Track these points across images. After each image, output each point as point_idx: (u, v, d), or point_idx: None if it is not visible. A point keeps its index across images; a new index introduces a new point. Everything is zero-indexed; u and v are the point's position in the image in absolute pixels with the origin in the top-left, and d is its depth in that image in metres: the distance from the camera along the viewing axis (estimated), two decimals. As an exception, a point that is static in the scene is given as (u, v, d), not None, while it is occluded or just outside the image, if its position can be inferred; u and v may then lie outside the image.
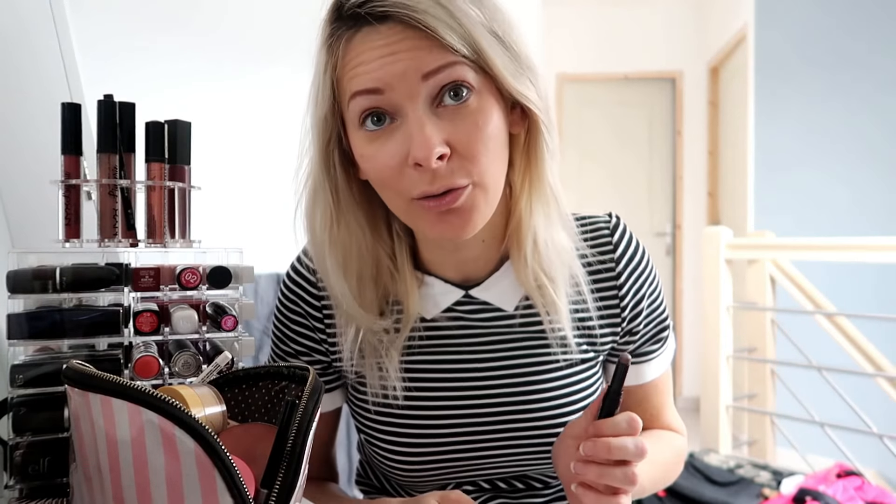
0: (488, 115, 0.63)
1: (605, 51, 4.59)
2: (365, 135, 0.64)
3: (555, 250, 0.72)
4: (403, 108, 0.61)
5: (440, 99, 0.61)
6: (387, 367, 0.73)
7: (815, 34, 3.35)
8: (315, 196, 0.70)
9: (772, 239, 2.62)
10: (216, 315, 0.65)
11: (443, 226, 0.64)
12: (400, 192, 0.64)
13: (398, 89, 0.60)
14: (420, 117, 0.60)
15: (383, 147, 0.63)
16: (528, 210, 0.70)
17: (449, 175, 0.61)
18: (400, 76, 0.60)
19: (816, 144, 3.34)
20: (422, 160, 0.59)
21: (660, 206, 4.65)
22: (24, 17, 1.05)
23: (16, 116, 1.01)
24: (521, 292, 0.75)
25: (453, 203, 0.62)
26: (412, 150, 0.60)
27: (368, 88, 0.61)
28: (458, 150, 0.61)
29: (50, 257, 0.63)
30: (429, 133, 0.60)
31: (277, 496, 0.45)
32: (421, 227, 0.66)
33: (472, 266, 0.75)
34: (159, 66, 2.19)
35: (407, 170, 0.62)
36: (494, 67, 0.62)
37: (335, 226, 0.70)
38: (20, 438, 0.57)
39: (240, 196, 2.38)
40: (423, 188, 0.62)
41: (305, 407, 0.48)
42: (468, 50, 0.61)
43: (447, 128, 0.61)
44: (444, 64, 0.60)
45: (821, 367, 2.24)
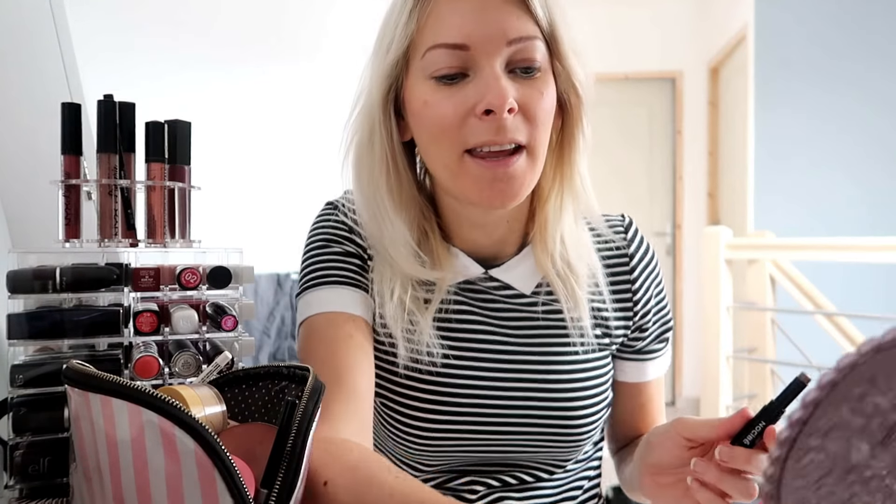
0: (549, 90, 0.67)
1: (606, 51, 4.58)
2: (434, 85, 0.66)
3: (580, 245, 0.74)
4: (480, 63, 0.64)
5: (512, 68, 0.65)
6: (422, 329, 0.73)
7: (814, 34, 3.35)
8: (371, 143, 0.71)
9: (772, 239, 2.62)
10: (216, 315, 0.65)
11: (491, 191, 0.66)
12: (455, 142, 0.65)
13: (481, 48, 0.63)
14: (497, 72, 0.64)
15: (451, 96, 0.65)
16: (558, 207, 0.73)
17: (513, 129, 0.64)
18: (487, 37, 0.63)
19: (816, 144, 3.34)
20: (496, 107, 0.62)
21: (660, 206, 4.66)
22: (24, 17, 1.05)
23: (16, 116, 1.01)
24: (539, 277, 0.76)
25: (507, 168, 0.65)
26: (487, 96, 0.63)
27: (455, 43, 0.64)
28: (524, 110, 0.65)
29: (50, 257, 0.63)
30: (505, 84, 0.63)
31: (277, 496, 0.45)
32: (465, 186, 0.67)
33: (492, 248, 0.76)
34: (159, 66, 2.19)
35: (471, 119, 0.64)
36: (562, 46, 0.67)
37: (390, 173, 0.71)
38: (20, 438, 0.57)
39: (240, 196, 2.38)
40: (487, 137, 0.64)
41: (305, 407, 0.48)
42: (547, 25, 0.66)
43: (516, 88, 0.65)
44: (528, 36, 0.65)
45: (821, 367, 2.24)
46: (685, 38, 4.56)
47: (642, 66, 4.61)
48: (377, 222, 0.73)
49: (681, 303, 4.58)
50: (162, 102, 1.54)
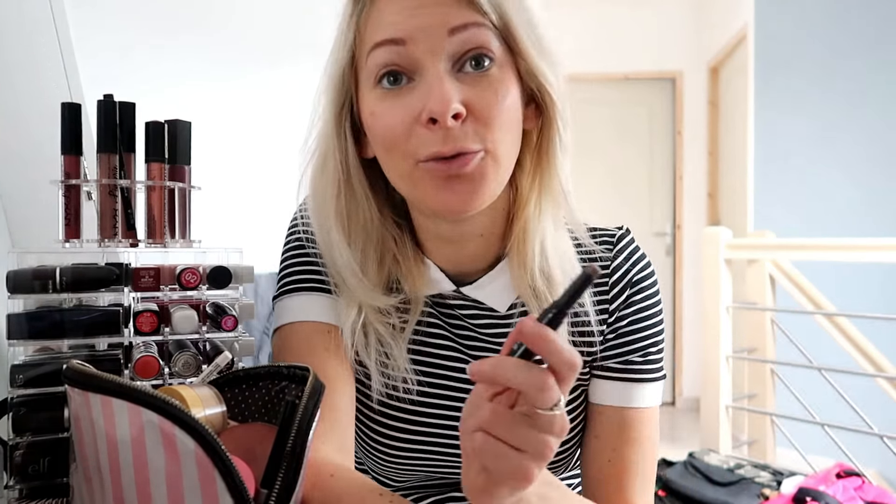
0: (507, 87, 0.61)
1: (605, 51, 4.58)
2: (380, 93, 0.62)
3: (559, 256, 0.69)
4: (423, 63, 0.59)
5: (461, 64, 0.60)
6: (395, 358, 0.70)
7: (814, 34, 3.35)
8: (324, 163, 0.68)
9: (772, 239, 2.62)
10: (216, 315, 0.65)
11: (447, 193, 0.61)
12: (407, 153, 0.61)
13: (421, 43, 0.59)
14: (440, 73, 0.59)
15: (396, 104, 0.61)
16: (537, 214, 0.68)
17: (462, 137, 0.59)
18: (425, 29, 0.59)
19: (816, 144, 3.34)
20: (438, 114, 0.57)
21: (660, 206, 4.65)
22: (25, 18, 1.05)
23: (16, 116, 1.01)
24: (515, 294, 0.71)
25: (463, 167, 0.60)
26: (429, 103, 0.58)
27: (391, 38, 0.60)
28: (475, 113, 0.60)
29: (50, 257, 0.63)
30: (447, 88, 0.58)
31: (277, 496, 0.45)
32: (424, 194, 0.63)
33: (466, 262, 0.72)
34: (159, 66, 2.19)
35: (418, 128, 0.60)
36: (520, 41, 0.61)
37: (342, 196, 0.67)
38: (20, 438, 0.57)
39: (240, 196, 2.38)
40: (433, 148, 0.59)
41: (305, 407, 0.48)
42: (496, 16, 0.60)
43: (465, 90, 0.59)
44: (472, 22, 0.59)
45: (821, 367, 2.24)
46: (685, 38, 4.56)
47: (642, 66, 4.61)
48: (328, 249, 0.70)
49: (681, 303, 4.58)
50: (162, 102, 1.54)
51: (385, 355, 0.70)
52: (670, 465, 2.22)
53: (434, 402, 0.72)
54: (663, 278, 4.63)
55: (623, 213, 4.62)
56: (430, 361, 0.73)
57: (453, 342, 0.73)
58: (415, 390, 0.71)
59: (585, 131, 4.59)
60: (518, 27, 0.61)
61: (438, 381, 0.72)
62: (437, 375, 0.73)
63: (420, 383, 0.72)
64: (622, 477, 0.71)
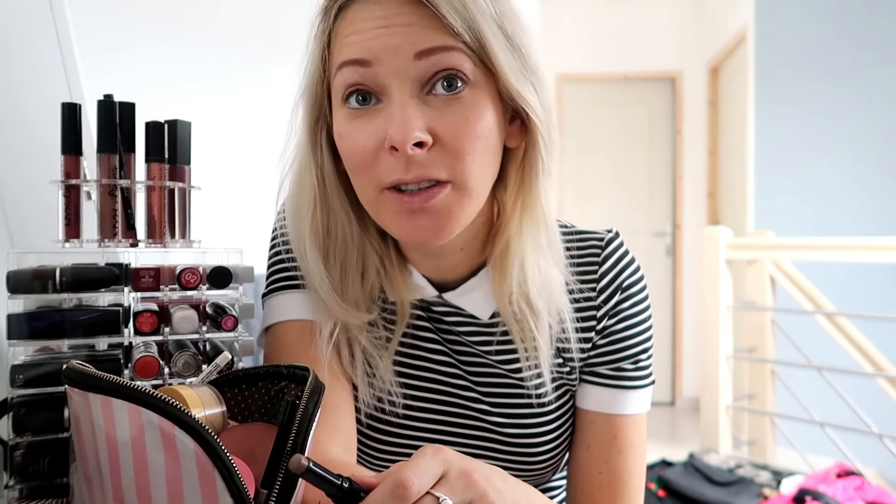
0: (481, 112, 0.58)
1: (605, 51, 4.59)
2: (347, 112, 0.60)
3: (541, 280, 0.67)
4: (389, 87, 0.57)
5: (431, 86, 0.57)
6: (381, 373, 0.68)
7: (815, 34, 3.35)
8: (301, 178, 0.66)
9: (772, 239, 2.62)
10: (216, 315, 0.65)
11: (410, 227, 0.59)
12: (371, 178, 0.59)
13: (387, 64, 0.56)
14: (404, 99, 0.57)
15: (362, 127, 0.59)
16: (519, 234, 0.66)
17: (427, 164, 0.57)
18: (391, 50, 0.56)
19: (816, 143, 3.34)
20: (398, 143, 0.55)
21: (660, 206, 4.65)
22: (24, 17, 1.05)
23: (16, 116, 1.01)
24: (495, 303, 0.70)
25: (425, 202, 0.58)
26: (390, 130, 0.56)
27: (356, 59, 0.57)
28: (442, 141, 0.57)
29: (50, 257, 0.63)
30: (410, 114, 0.56)
31: (277, 496, 0.44)
32: (388, 223, 0.61)
33: (448, 272, 0.71)
34: (159, 66, 2.19)
35: (383, 154, 0.58)
36: (496, 61, 0.58)
37: (318, 211, 0.66)
38: (20, 438, 0.57)
39: (240, 196, 2.38)
40: (395, 176, 0.57)
41: (305, 407, 0.48)
42: (470, 37, 0.57)
43: (433, 116, 0.57)
44: (441, 46, 0.56)
45: (821, 367, 2.24)
46: (685, 38, 4.57)
47: (642, 66, 4.61)
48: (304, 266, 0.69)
49: (681, 303, 4.58)
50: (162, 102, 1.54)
51: (370, 365, 0.69)
52: (670, 465, 2.22)
53: (426, 406, 0.72)
54: (663, 278, 4.63)
55: (623, 213, 4.62)
56: (423, 366, 0.72)
57: (443, 346, 0.72)
58: (400, 403, 0.70)
59: (585, 132, 4.60)
60: (494, 47, 0.58)
61: (431, 386, 0.72)
62: (429, 380, 0.72)
63: (413, 388, 0.72)
64: (614, 489, 0.70)
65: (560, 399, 0.73)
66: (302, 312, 0.69)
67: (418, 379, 0.72)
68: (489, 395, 0.72)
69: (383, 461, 0.72)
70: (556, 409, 0.73)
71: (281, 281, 0.72)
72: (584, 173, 4.62)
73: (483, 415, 0.71)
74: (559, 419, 0.73)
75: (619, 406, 0.71)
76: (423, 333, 0.72)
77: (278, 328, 0.70)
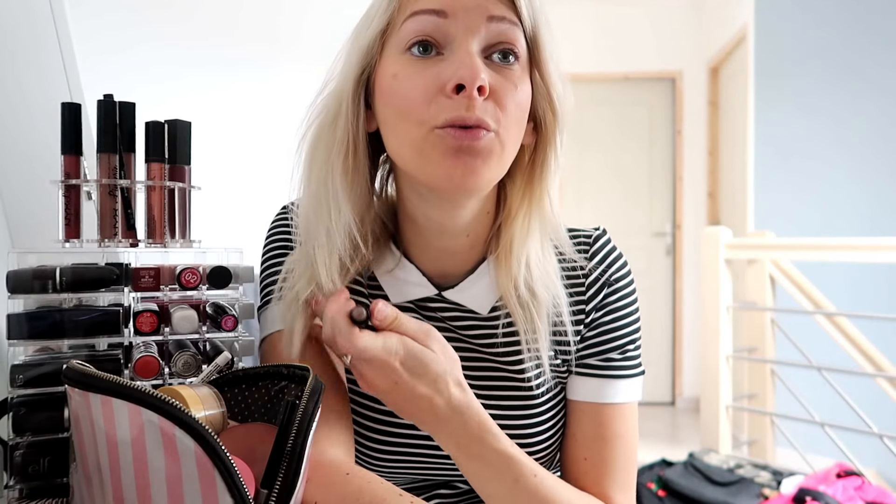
0: (525, 86, 0.64)
1: (605, 51, 4.59)
2: (408, 59, 0.63)
3: (545, 272, 0.70)
4: (457, 39, 0.62)
5: (489, 53, 0.63)
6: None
7: (815, 34, 3.35)
8: (336, 122, 0.67)
9: (772, 239, 2.62)
10: (216, 315, 0.65)
11: (454, 163, 0.61)
12: (423, 119, 0.62)
13: (461, 19, 0.61)
14: (472, 50, 0.61)
15: (422, 71, 0.62)
16: (525, 229, 0.69)
17: (483, 110, 0.61)
18: (467, 8, 0.61)
19: (816, 143, 3.34)
20: (467, 81, 0.59)
21: (660, 206, 4.65)
22: (24, 18, 1.05)
23: (16, 116, 1.01)
24: (496, 297, 0.72)
25: (476, 140, 0.61)
26: (460, 71, 0.60)
27: (433, 9, 0.62)
28: (494, 96, 0.62)
29: (50, 257, 0.63)
30: (479, 63, 0.61)
31: (277, 496, 0.45)
32: (430, 162, 0.62)
33: (449, 261, 0.72)
34: (160, 66, 2.19)
35: (440, 97, 0.61)
36: (543, 52, 0.65)
37: (350, 155, 0.66)
38: (20, 438, 0.57)
39: (240, 196, 2.38)
40: (455, 114, 0.60)
41: (305, 407, 0.48)
42: (529, 24, 0.64)
43: (491, 74, 0.62)
44: (509, 17, 0.63)
45: (821, 367, 2.24)
46: (685, 38, 4.56)
47: (642, 65, 4.61)
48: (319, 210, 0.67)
49: (681, 303, 4.58)
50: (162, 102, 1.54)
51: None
52: (670, 465, 2.22)
53: None
54: (663, 278, 4.63)
55: (623, 213, 4.62)
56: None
57: None
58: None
59: (585, 131, 4.60)
60: (545, 40, 0.65)
61: None
62: None
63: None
64: (600, 474, 0.71)
65: (553, 391, 0.74)
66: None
67: None
68: (486, 388, 0.72)
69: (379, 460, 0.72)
70: (550, 401, 0.74)
71: (276, 293, 0.71)
72: (584, 173, 4.62)
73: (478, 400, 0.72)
74: (553, 410, 0.74)
75: (608, 395, 0.73)
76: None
77: (274, 338, 0.70)
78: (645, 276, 4.57)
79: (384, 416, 0.72)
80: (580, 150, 4.59)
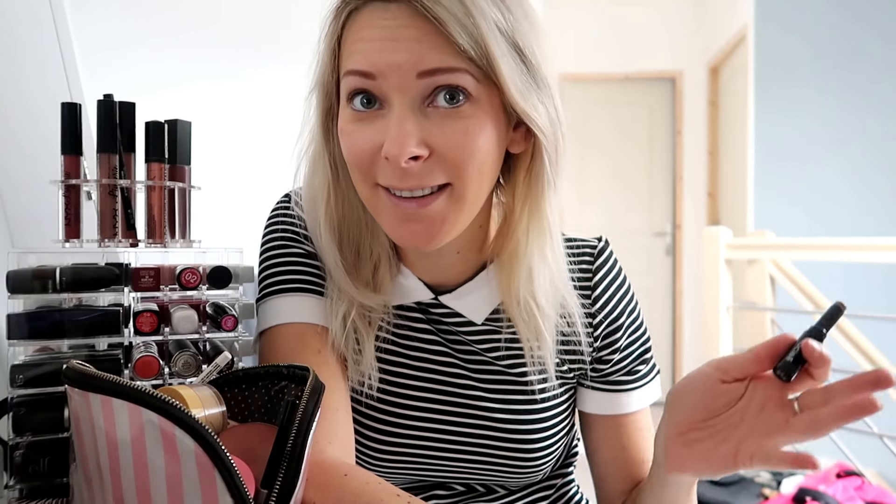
0: (481, 125, 0.59)
1: (605, 51, 4.59)
2: (351, 113, 0.61)
3: (549, 283, 0.69)
4: (391, 98, 0.58)
5: (433, 98, 0.58)
6: (365, 353, 0.69)
7: (815, 34, 3.35)
8: (315, 165, 0.68)
9: (772, 239, 2.62)
10: (216, 315, 0.65)
11: (403, 231, 0.61)
12: (367, 177, 0.61)
13: (389, 79, 0.57)
14: (403, 112, 0.58)
15: (363, 129, 0.60)
16: (526, 238, 0.67)
17: (423, 174, 0.58)
18: (394, 67, 0.57)
19: (816, 143, 3.34)
20: (392, 157, 0.57)
21: (660, 206, 4.65)
22: (24, 17, 1.05)
23: (16, 116, 1.01)
24: (493, 305, 0.72)
25: (420, 209, 0.60)
26: (386, 143, 0.57)
27: (361, 71, 0.59)
28: (439, 152, 0.58)
29: (50, 257, 0.63)
30: (407, 130, 0.57)
31: (277, 496, 0.45)
32: (382, 221, 0.63)
33: (443, 273, 0.72)
34: (159, 66, 2.19)
35: (379, 159, 0.59)
36: (501, 78, 0.58)
37: (332, 197, 0.67)
38: (20, 438, 0.57)
39: (240, 196, 2.38)
40: (390, 181, 0.60)
41: (305, 407, 0.48)
42: (476, 53, 0.56)
43: (432, 130, 0.58)
44: (444, 67, 0.57)
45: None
46: (685, 38, 4.56)
47: (642, 66, 4.61)
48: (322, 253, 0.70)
49: (681, 303, 4.58)
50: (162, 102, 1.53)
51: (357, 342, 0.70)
52: (670, 465, 2.22)
53: (426, 406, 0.72)
54: (663, 278, 4.63)
55: (623, 213, 4.62)
56: (425, 367, 0.73)
57: (446, 347, 0.73)
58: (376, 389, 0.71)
59: (585, 132, 4.60)
60: (500, 63, 0.57)
61: (431, 386, 0.72)
62: (432, 381, 0.72)
63: (415, 388, 0.72)
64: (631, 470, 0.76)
65: (559, 397, 0.74)
66: (298, 316, 0.69)
67: (418, 379, 0.72)
68: (492, 391, 0.72)
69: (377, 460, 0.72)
70: (555, 407, 0.74)
71: (275, 285, 0.71)
72: (584, 173, 4.62)
73: (486, 411, 0.72)
74: (560, 415, 0.74)
75: (628, 405, 0.76)
76: (422, 335, 0.73)
77: (274, 332, 0.69)
78: (645, 276, 4.58)
79: (383, 416, 0.72)
80: (580, 151, 4.58)
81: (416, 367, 0.72)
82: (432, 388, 0.72)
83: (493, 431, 0.72)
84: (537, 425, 0.72)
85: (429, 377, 0.72)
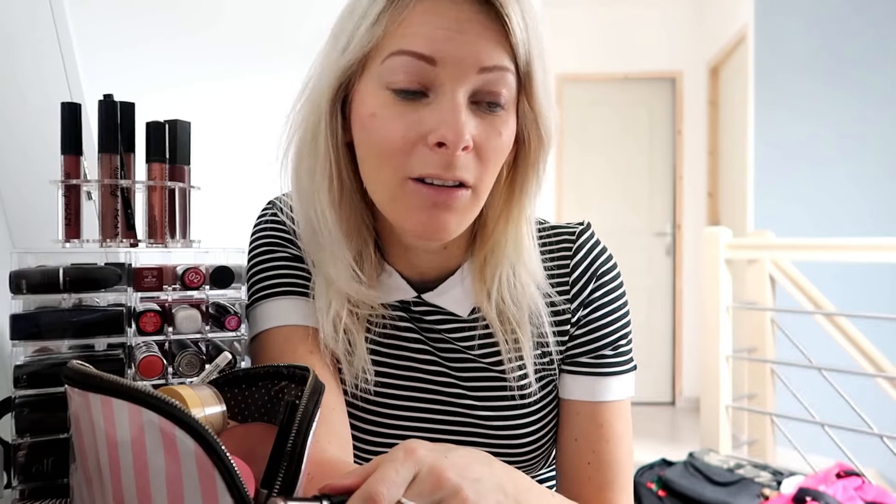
0: (510, 128, 0.63)
1: (605, 51, 4.59)
2: (388, 97, 0.60)
3: (523, 280, 0.70)
4: (444, 87, 0.59)
5: (476, 100, 0.60)
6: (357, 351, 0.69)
7: (815, 34, 3.35)
8: (316, 139, 0.65)
9: (771, 239, 2.62)
10: (219, 315, 0.65)
11: (427, 218, 0.61)
12: (399, 167, 0.60)
13: (450, 69, 0.58)
14: (460, 103, 0.59)
15: (403, 116, 0.59)
16: (504, 240, 0.69)
17: (463, 167, 0.60)
18: (458, 58, 0.58)
19: (816, 144, 3.35)
20: (451, 142, 0.57)
21: (660, 206, 4.65)
22: (24, 17, 1.05)
23: (16, 116, 1.01)
24: (473, 302, 0.72)
25: (453, 198, 0.61)
26: (443, 129, 0.58)
27: (423, 54, 0.58)
28: (477, 149, 0.61)
29: (50, 257, 0.63)
30: (465, 120, 0.58)
31: (277, 496, 0.44)
32: (404, 212, 0.62)
33: (426, 268, 0.72)
34: (159, 66, 2.19)
35: (420, 147, 0.59)
36: (535, 85, 0.62)
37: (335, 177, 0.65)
38: (22, 439, 0.58)
39: (240, 196, 2.38)
40: (434, 170, 0.59)
41: (305, 407, 0.48)
42: (523, 59, 0.60)
43: (477, 125, 0.60)
44: (502, 66, 0.59)
45: (821, 367, 2.24)
46: (685, 38, 4.57)
47: (642, 66, 4.61)
48: (315, 233, 0.68)
49: (681, 303, 4.58)
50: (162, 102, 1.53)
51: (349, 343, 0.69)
52: (670, 465, 2.22)
53: (411, 405, 0.72)
54: (663, 278, 4.63)
55: (623, 213, 4.62)
56: (407, 365, 0.73)
57: (427, 345, 0.73)
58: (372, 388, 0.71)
59: (585, 131, 4.60)
60: (537, 72, 0.62)
61: (416, 385, 0.73)
62: (414, 378, 0.73)
63: (397, 387, 0.72)
64: (604, 479, 0.71)
65: (543, 390, 0.74)
66: (289, 318, 0.69)
67: (402, 378, 0.73)
68: (473, 389, 0.73)
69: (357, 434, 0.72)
70: (540, 401, 0.74)
71: (265, 289, 0.70)
72: (584, 173, 4.62)
73: (468, 409, 0.72)
74: (543, 410, 0.74)
75: (602, 393, 0.72)
76: (405, 334, 0.73)
77: (266, 335, 0.69)
78: (645, 276, 4.58)
79: (381, 416, 0.72)
80: (580, 151, 4.59)
81: (401, 367, 0.73)
82: (416, 385, 0.73)
83: (477, 428, 0.72)
84: (519, 420, 0.72)
85: (412, 375, 0.73)
